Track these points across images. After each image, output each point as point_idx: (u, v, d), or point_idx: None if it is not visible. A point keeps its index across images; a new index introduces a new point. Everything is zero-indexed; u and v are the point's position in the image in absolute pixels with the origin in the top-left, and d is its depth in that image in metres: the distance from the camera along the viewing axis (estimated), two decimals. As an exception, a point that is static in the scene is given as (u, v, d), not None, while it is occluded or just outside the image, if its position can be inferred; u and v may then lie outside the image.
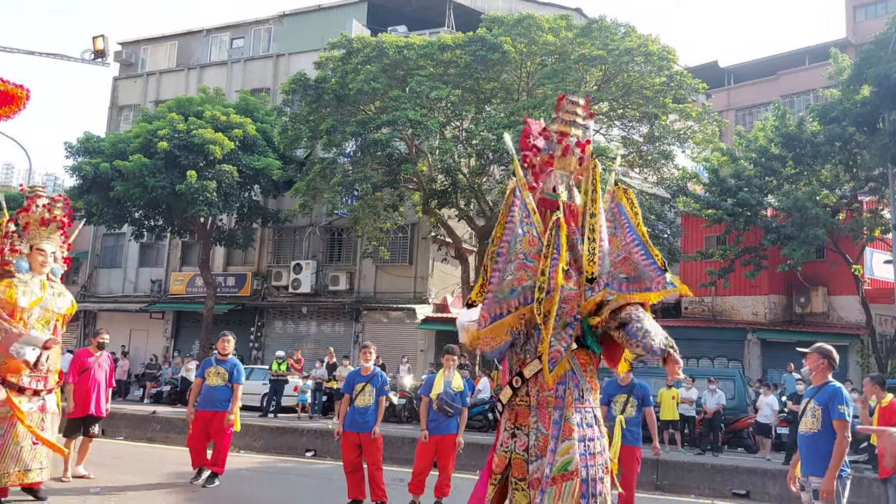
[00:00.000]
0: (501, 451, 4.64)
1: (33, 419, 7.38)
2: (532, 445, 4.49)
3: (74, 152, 22.86)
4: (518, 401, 4.63)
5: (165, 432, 14.27)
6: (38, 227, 7.91)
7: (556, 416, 4.50)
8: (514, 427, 4.62)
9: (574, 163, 5.05)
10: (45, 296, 7.66)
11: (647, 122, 18.82)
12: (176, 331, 27.61)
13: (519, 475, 4.50)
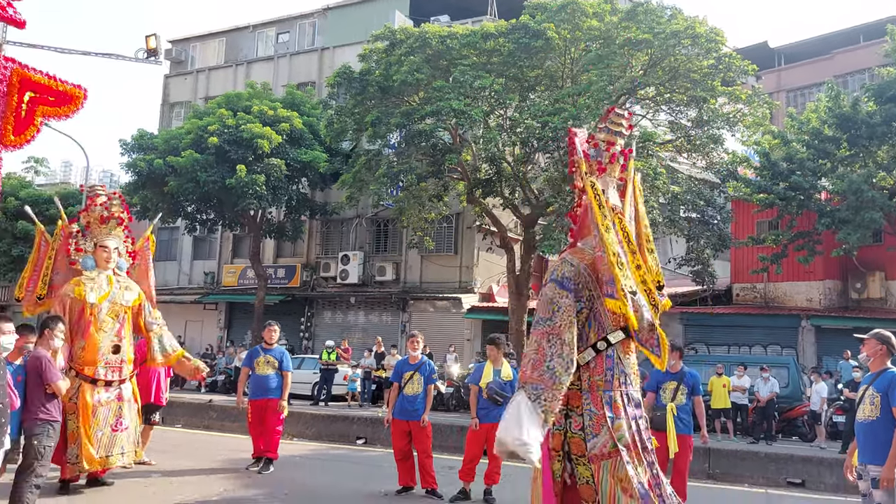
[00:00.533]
0: (555, 431, 5.07)
1: (111, 408, 7.78)
2: (587, 425, 5.01)
3: (129, 149, 23.54)
4: (572, 385, 5.00)
5: (221, 420, 14.68)
6: (98, 224, 8.28)
7: (607, 398, 5.04)
8: (567, 409, 5.08)
9: (617, 170, 5.59)
10: (113, 290, 8.05)
11: (695, 106, 18.47)
12: (229, 321, 28.29)
13: (578, 452, 5.01)
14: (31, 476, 6.00)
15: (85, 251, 8.17)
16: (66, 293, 7.78)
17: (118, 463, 7.84)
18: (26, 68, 5.88)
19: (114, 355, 7.91)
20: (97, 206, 8.36)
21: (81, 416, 7.53)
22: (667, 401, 8.14)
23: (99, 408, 7.68)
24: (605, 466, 4.93)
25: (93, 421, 7.57)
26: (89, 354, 7.69)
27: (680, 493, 8.10)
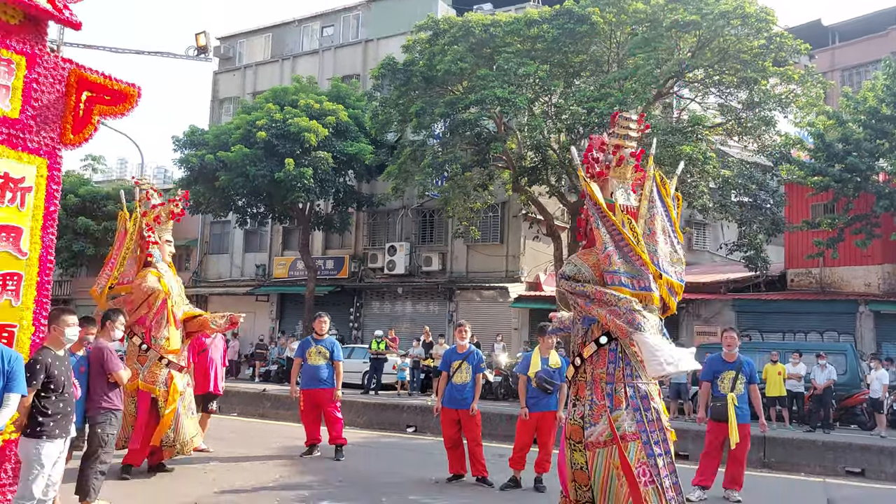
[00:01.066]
0: (568, 420, 5.55)
1: (186, 395, 8.20)
2: (587, 414, 5.40)
3: (181, 145, 24.11)
4: (578, 377, 5.56)
5: (275, 409, 14.99)
6: (167, 220, 8.66)
7: (609, 390, 5.38)
8: (575, 398, 5.56)
9: (630, 171, 5.85)
10: (175, 282, 8.51)
11: (745, 88, 18.02)
12: (280, 312, 28.81)
13: (577, 438, 5.40)
14: (97, 462, 6.24)
15: (157, 244, 8.53)
16: (152, 285, 8.12)
17: (199, 443, 8.39)
18: (83, 69, 6.08)
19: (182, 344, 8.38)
20: (168, 203, 8.73)
21: (167, 402, 7.95)
22: (726, 391, 8.05)
23: (184, 393, 8.18)
24: (601, 454, 5.25)
25: (181, 405, 8.08)
26: (174, 343, 8.11)
27: (736, 482, 8.06)
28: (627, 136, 5.90)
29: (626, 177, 5.88)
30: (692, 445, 11.49)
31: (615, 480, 5.16)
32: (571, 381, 5.67)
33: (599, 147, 5.90)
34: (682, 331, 21.18)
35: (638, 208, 5.78)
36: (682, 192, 17.61)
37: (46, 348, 5.34)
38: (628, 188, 5.87)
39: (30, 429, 5.16)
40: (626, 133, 5.90)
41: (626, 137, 5.89)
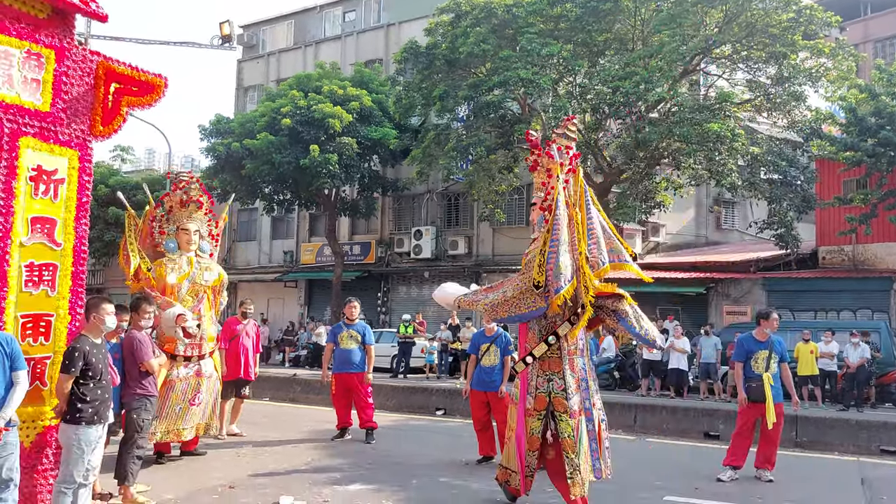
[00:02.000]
0: (539, 393, 6.06)
1: (189, 383, 8.16)
2: (569, 385, 5.98)
3: (207, 134, 24.33)
4: (549, 353, 6.07)
5: (306, 393, 15.16)
6: (179, 208, 8.65)
7: (581, 364, 6.15)
8: (549, 374, 6.08)
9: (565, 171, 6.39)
10: (192, 271, 8.39)
11: (774, 63, 17.67)
12: (309, 298, 29.07)
13: (561, 409, 5.95)
14: (133, 447, 6.39)
15: (168, 234, 8.55)
16: (149, 275, 8.17)
17: (187, 437, 8.24)
18: (111, 61, 6.15)
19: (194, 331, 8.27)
20: (177, 191, 8.72)
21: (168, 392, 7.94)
22: (760, 370, 7.99)
23: (178, 383, 8.05)
24: (582, 422, 5.98)
25: (170, 395, 7.94)
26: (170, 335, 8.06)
27: (769, 461, 8.04)
28: (574, 139, 6.53)
29: (563, 175, 6.39)
30: (723, 425, 11.44)
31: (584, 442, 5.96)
32: (539, 359, 6.12)
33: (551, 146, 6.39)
34: (711, 311, 21.00)
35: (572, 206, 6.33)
36: (710, 170, 17.45)
37: (84, 336, 5.46)
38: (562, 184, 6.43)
39: (69, 415, 5.29)
40: (573, 136, 6.54)
41: (572, 140, 6.50)
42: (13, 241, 5.50)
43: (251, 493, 6.88)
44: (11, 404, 4.76)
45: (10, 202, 5.50)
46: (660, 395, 15.35)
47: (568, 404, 5.91)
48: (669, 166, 18.99)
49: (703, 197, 26.90)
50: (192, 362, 8.23)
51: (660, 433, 11.84)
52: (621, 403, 12.94)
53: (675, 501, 7.00)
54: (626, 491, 7.36)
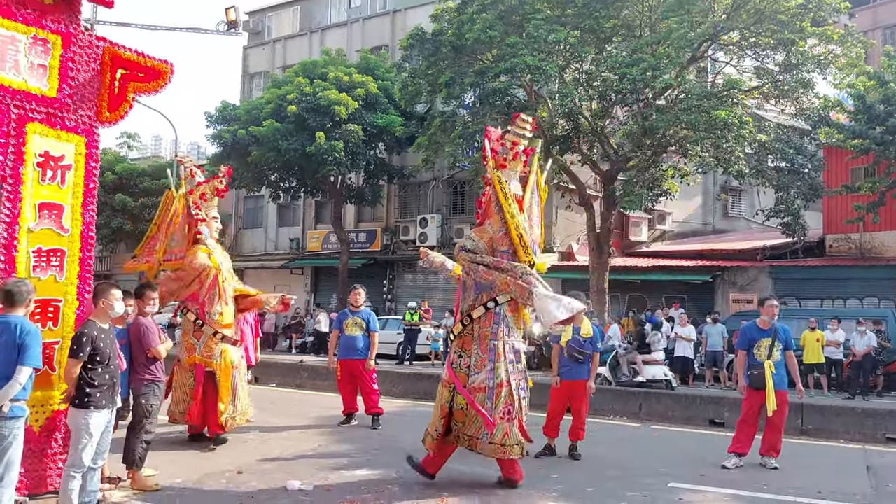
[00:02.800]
0: (452, 368, 6.69)
1: (241, 368, 8.38)
2: (473, 364, 6.60)
3: (214, 121, 24.32)
4: (465, 333, 6.73)
5: (312, 379, 15.23)
6: (212, 197, 8.75)
7: (491, 346, 6.59)
8: (461, 351, 6.73)
9: (519, 165, 7.07)
10: (226, 259, 8.63)
11: (782, 50, 17.52)
12: (315, 285, 29.14)
13: (462, 384, 6.53)
14: (141, 432, 6.44)
15: (204, 221, 8.62)
16: (203, 262, 8.25)
17: (251, 415, 8.55)
18: (117, 46, 6.16)
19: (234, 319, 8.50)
20: (213, 180, 8.80)
21: (223, 376, 8.10)
22: (763, 358, 8.01)
23: (238, 367, 8.33)
24: (479, 398, 6.46)
25: (236, 377, 8.21)
26: (227, 318, 8.24)
27: (774, 449, 8.05)
28: (524, 135, 7.01)
29: (517, 169, 7.08)
30: (728, 413, 11.44)
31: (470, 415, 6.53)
32: (458, 336, 6.79)
33: (499, 141, 7.03)
34: (717, 298, 20.98)
35: (523, 197, 6.96)
36: (717, 157, 17.37)
37: (92, 321, 5.49)
38: (517, 179, 7.09)
39: (78, 399, 5.33)
40: (522, 132, 7.00)
41: (522, 136, 6.99)
42: (21, 227, 5.54)
43: (258, 478, 6.94)
44: (2, 395, 4.71)
45: (18, 188, 5.53)
46: (665, 383, 15.35)
47: (468, 380, 6.55)
48: (676, 154, 18.90)
49: (710, 185, 26.81)
50: (238, 347, 8.45)
51: (665, 420, 11.86)
52: (626, 391, 12.95)
53: (680, 488, 7.02)
54: (630, 477, 7.40)
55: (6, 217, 5.46)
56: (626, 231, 24.44)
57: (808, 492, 6.96)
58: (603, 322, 17.75)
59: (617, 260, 21.84)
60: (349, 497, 6.33)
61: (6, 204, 5.47)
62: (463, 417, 6.60)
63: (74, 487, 5.26)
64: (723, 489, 7.01)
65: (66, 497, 5.22)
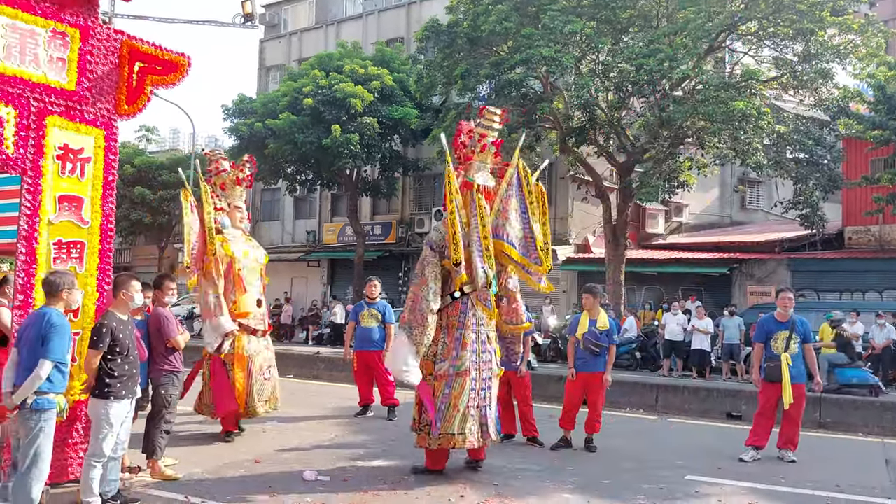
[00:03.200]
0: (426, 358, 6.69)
1: (264, 357, 8.32)
2: (439, 352, 6.71)
3: (231, 114, 24.42)
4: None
5: (329, 371, 15.31)
6: (233, 186, 8.73)
7: (457, 335, 6.73)
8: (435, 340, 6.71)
9: (490, 157, 7.17)
10: (249, 248, 8.51)
11: (801, 40, 17.31)
12: (331, 277, 29.25)
13: (427, 371, 6.65)
14: (161, 422, 6.51)
15: (223, 211, 8.60)
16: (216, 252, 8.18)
17: (261, 410, 8.39)
18: (135, 40, 6.19)
19: (258, 308, 8.39)
20: (231, 169, 8.77)
21: (238, 365, 8.09)
22: (779, 351, 7.97)
23: (255, 357, 8.23)
24: (444, 384, 6.62)
25: (252, 369, 8.14)
26: (242, 307, 8.17)
27: (792, 442, 8.01)
28: (492, 127, 7.10)
29: (487, 161, 7.16)
30: (745, 406, 11.39)
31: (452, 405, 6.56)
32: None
33: (467, 133, 7.10)
34: (735, 291, 20.84)
35: (496, 188, 7.11)
36: (735, 149, 17.23)
37: (111, 312, 5.55)
38: (487, 171, 7.17)
39: (98, 390, 5.40)
40: (490, 124, 7.10)
41: (490, 128, 7.08)
42: (42, 219, 5.60)
43: (276, 468, 7.00)
44: (24, 388, 4.81)
45: (38, 180, 5.59)
46: (682, 376, 15.30)
47: (434, 367, 6.69)
48: (693, 145, 18.77)
49: (727, 176, 26.60)
50: (261, 337, 8.37)
51: (682, 413, 11.82)
52: (643, 383, 12.92)
53: (697, 480, 7.01)
54: (647, 470, 7.39)
55: (27, 209, 5.53)
56: (643, 223, 24.32)
57: (826, 485, 6.92)
58: (619, 315, 17.71)
59: (633, 252, 21.75)
60: (366, 487, 6.37)
61: (27, 196, 5.53)
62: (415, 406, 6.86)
63: (95, 476, 5.33)
64: (740, 482, 6.98)
65: (86, 486, 5.30)
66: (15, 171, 5.49)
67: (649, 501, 6.23)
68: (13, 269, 5.67)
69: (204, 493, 6.01)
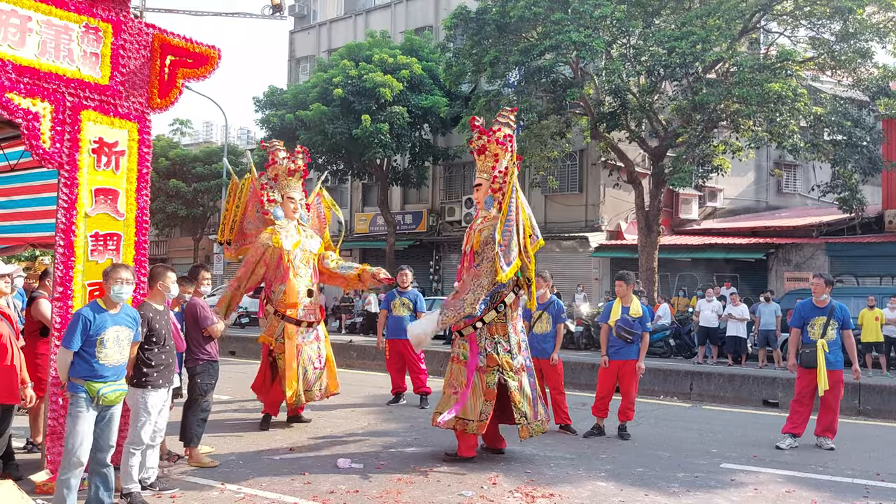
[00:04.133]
0: (489, 353, 6.82)
1: (312, 348, 8.39)
2: (513, 347, 6.90)
3: (262, 106, 24.64)
4: (498, 319, 6.90)
5: (362, 359, 15.41)
6: (286, 177, 8.80)
7: (519, 328, 7.13)
8: (497, 337, 6.88)
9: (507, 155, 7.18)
10: (302, 238, 8.58)
11: (839, 18, 16.88)
12: (362, 267, 29.38)
13: (508, 367, 6.80)
14: (198, 411, 6.62)
15: (275, 202, 8.70)
16: (264, 242, 8.30)
17: (316, 398, 8.48)
18: (166, 33, 6.26)
19: (308, 299, 8.43)
20: (285, 160, 8.82)
21: (287, 356, 8.14)
22: (816, 337, 7.82)
23: (303, 347, 8.29)
24: (524, 377, 6.88)
25: (299, 359, 8.19)
26: (290, 298, 8.26)
27: (830, 430, 7.86)
28: (509, 124, 7.18)
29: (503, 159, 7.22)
30: (782, 393, 11.22)
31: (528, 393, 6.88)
32: (490, 323, 6.88)
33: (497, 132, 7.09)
34: (771, 277, 20.51)
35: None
36: (770, 132, 16.89)
37: (147, 303, 5.65)
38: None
39: (136, 379, 5.50)
40: (507, 122, 7.19)
41: (507, 126, 7.16)
42: (79, 212, 5.71)
43: (311, 455, 7.08)
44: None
45: (75, 174, 5.69)
46: (717, 363, 15.12)
47: (513, 363, 6.82)
48: (728, 129, 18.46)
49: (763, 160, 26.13)
50: (312, 328, 8.44)
51: (717, 401, 11.69)
52: (677, 371, 12.79)
53: (733, 469, 6.93)
54: (682, 457, 7.32)
55: (64, 203, 5.63)
56: (676, 209, 24.03)
57: (865, 474, 6.79)
58: (652, 302, 17.54)
59: (666, 238, 21.50)
60: (399, 474, 6.41)
61: (64, 190, 5.64)
62: (519, 398, 6.79)
63: (134, 464, 5.44)
64: (776, 470, 6.89)
65: (126, 473, 5.41)
66: (52, 166, 5.60)
67: (684, 489, 6.17)
68: (54, 262, 5.78)
69: (239, 480, 6.11)
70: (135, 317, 5.19)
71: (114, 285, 4.99)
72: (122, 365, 5.07)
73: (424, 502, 5.63)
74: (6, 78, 5.22)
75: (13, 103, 5.27)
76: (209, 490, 5.84)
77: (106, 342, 4.91)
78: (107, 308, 5.00)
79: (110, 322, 4.96)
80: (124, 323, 5.05)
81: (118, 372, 5.03)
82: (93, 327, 4.88)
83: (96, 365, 4.87)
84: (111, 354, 4.93)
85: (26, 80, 5.36)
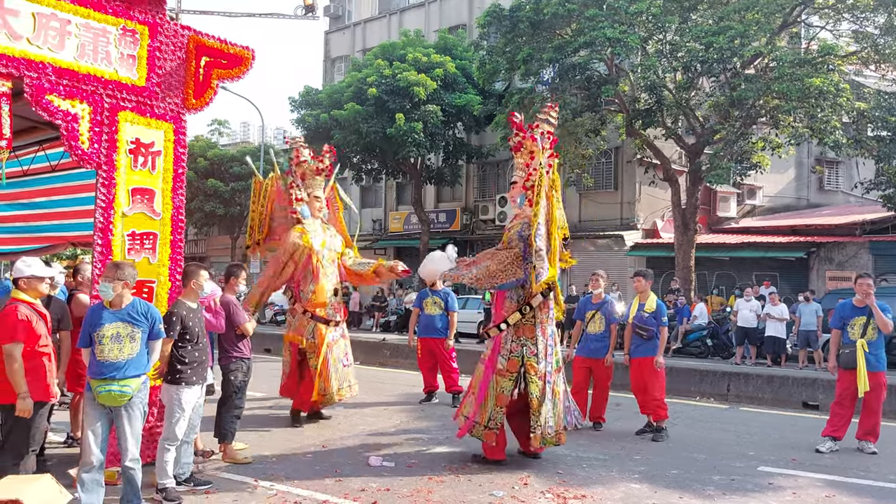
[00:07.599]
0: (513, 357, 6.59)
1: (340, 346, 8.46)
2: (540, 351, 6.59)
3: (297, 106, 24.87)
4: (524, 321, 6.62)
5: (395, 357, 15.48)
6: (313, 176, 8.84)
7: (549, 331, 6.76)
8: (523, 340, 6.62)
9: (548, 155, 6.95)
10: (327, 237, 8.64)
11: (883, 11, 16.42)
12: (396, 266, 29.48)
13: (533, 372, 6.53)
14: (232, 408, 6.69)
15: (302, 201, 8.74)
16: (294, 241, 8.34)
17: (347, 395, 8.53)
18: (200, 35, 6.34)
19: (334, 297, 8.51)
20: (311, 159, 8.88)
21: (319, 353, 8.21)
22: (855, 337, 7.63)
23: (333, 345, 8.35)
24: (549, 383, 6.56)
25: (331, 357, 8.25)
26: (319, 297, 8.32)
27: (872, 434, 7.67)
28: (548, 120, 7.03)
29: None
30: (822, 395, 10.97)
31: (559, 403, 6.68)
32: (516, 325, 6.63)
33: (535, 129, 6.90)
34: (812, 276, 20.08)
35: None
36: (811, 128, 16.52)
37: (181, 301, 5.73)
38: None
39: (170, 376, 5.59)
40: (547, 118, 7.02)
41: (547, 122, 7.00)
42: (116, 212, 5.82)
43: (343, 453, 7.12)
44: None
45: (112, 174, 5.80)
46: (755, 364, 14.85)
47: (538, 368, 6.52)
48: (767, 125, 18.10)
49: (804, 157, 25.59)
50: (339, 326, 8.52)
51: (755, 402, 11.47)
52: (714, 371, 12.59)
53: (771, 472, 6.79)
54: (718, 460, 7.20)
55: (102, 202, 5.74)
56: (714, 207, 23.64)
57: (909, 478, 6.60)
58: (689, 301, 17.28)
59: (704, 237, 21.18)
60: (430, 473, 6.41)
61: (101, 190, 5.75)
62: (538, 406, 6.48)
63: (169, 459, 5.53)
64: (816, 474, 6.73)
65: (161, 468, 5.50)
66: (90, 166, 5.71)
67: (719, 492, 6.06)
68: (91, 261, 5.90)
69: (273, 477, 6.17)
70: (144, 313, 5.04)
71: (99, 282, 5.02)
72: (123, 362, 4.88)
73: (455, 502, 5.62)
74: (46, 80, 5.34)
75: (53, 105, 5.38)
76: (242, 486, 5.91)
77: (103, 339, 4.87)
78: (107, 305, 5.03)
79: (108, 319, 4.92)
80: (126, 319, 4.94)
81: (119, 369, 4.86)
82: (91, 324, 4.92)
83: (96, 362, 4.91)
84: (109, 351, 4.86)
85: (66, 82, 5.47)
